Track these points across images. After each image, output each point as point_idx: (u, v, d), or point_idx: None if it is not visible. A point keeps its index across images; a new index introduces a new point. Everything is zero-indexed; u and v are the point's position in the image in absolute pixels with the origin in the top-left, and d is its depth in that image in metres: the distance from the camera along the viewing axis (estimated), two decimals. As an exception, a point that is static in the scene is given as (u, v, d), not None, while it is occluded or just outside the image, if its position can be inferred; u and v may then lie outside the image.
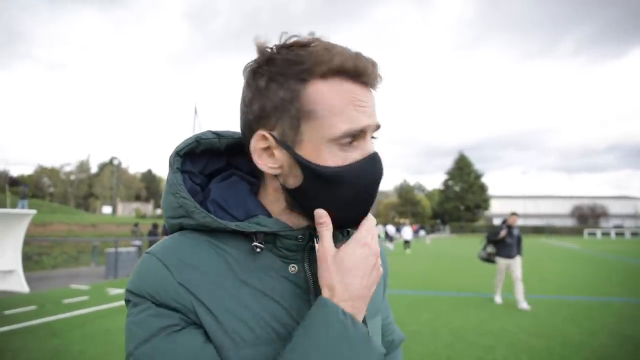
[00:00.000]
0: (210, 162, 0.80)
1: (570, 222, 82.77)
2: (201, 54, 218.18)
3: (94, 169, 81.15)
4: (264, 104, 0.67)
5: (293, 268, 0.72)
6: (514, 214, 8.76)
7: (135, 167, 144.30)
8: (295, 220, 0.73)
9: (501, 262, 8.55)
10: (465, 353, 5.24)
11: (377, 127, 0.71)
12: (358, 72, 0.66)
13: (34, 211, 11.00)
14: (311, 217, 0.70)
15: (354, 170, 0.67)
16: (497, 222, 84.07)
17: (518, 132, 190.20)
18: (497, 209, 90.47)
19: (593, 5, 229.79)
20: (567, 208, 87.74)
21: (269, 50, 0.68)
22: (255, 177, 0.79)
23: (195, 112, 20.32)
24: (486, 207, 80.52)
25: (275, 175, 0.71)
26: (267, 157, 0.69)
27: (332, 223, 0.69)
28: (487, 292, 9.72)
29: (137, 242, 17.82)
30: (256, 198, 0.76)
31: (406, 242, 26.59)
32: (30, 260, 16.76)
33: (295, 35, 0.68)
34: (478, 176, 79.46)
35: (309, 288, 0.72)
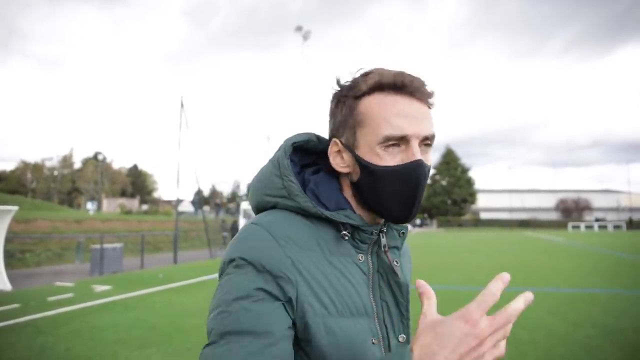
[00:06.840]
0: (303, 157, 0.96)
1: (554, 216, 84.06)
2: (196, 51, 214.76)
3: (77, 164, 79.71)
4: (335, 119, 0.88)
5: (361, 257, 0.87)
6: None
7: (120, 162, 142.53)
8: (368, 218, 0.87)
9: None
10: (453, 346, 5.28)
11: (427, 136, 0.81)
12: (397, 85, 0.80)
13: (15, 207, 10.81)
14: (372, 209, 0.85)
15: (397, 171, 0.80)
16: (484, 216, 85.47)
17: (505, 128, 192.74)
18: (484, 203, 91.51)
19: (582, 5, 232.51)
20: (551, 202, 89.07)
21: (340, 81, 0.88)
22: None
23: (182, 105, 20.02)
24: (473, 201, 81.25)
25: (346, 174, 0.88)
26: (339, 159, 0.88)
27: (382, 215, 0.85)
28: (474, 285, 9.82)
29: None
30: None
31: None
32: (13, 257, 16.43)
33: (362, 69, 0.86)
34: (465, 170, 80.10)
35: (370, 277, 0.87)
